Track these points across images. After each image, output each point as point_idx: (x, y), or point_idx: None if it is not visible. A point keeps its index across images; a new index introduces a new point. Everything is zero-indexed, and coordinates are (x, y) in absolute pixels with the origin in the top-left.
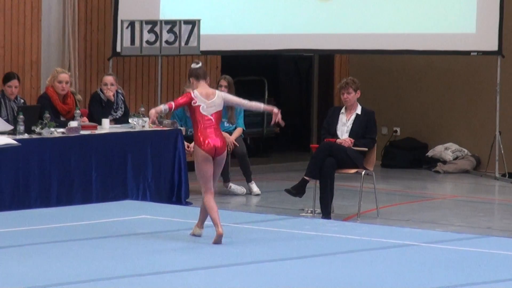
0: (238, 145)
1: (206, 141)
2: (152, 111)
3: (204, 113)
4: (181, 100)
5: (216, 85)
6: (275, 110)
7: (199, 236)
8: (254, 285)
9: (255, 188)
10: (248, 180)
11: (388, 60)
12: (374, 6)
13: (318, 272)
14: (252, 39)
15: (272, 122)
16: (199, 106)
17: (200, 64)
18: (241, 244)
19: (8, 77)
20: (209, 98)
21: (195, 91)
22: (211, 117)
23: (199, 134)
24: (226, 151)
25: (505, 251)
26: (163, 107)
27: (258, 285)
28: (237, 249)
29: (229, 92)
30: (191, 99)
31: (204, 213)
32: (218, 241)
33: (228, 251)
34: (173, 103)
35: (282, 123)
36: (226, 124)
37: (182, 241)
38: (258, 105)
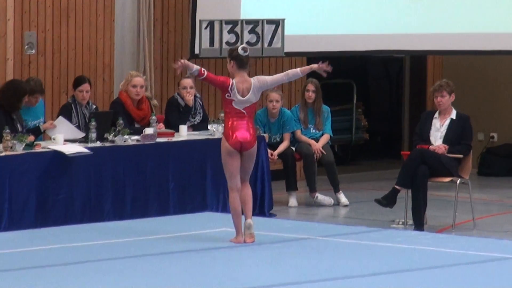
0: (325, 152)
1: (234, 135)
2: (183, 61)
3: (236, 106)
4: (216, 79)
5: (302, 90)
6: (315, 65)
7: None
8: None
9: (343, 198)
10: (336, 190)
11: (484, 61)
12: (470, 3)
13: (411, 287)
14: (339, 40)
15: (318, 68)
16: (232, 100)
17: (248, 53)
18: (329, 259)
19: (79, 81)
20: (244, 95)
21: (233, 81)
22: (243, 111)
23: (228, 126)
24: (255, 145)
25: None
26: (195, 67)
27: None
28: (325, 264)
29: (316, 96)
30: (226, 89)
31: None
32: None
33: (316, 266)
34: (205, 73)
35: (329, 68)
36: (312, 131)
37: (266, 255)
38: (295, 72)
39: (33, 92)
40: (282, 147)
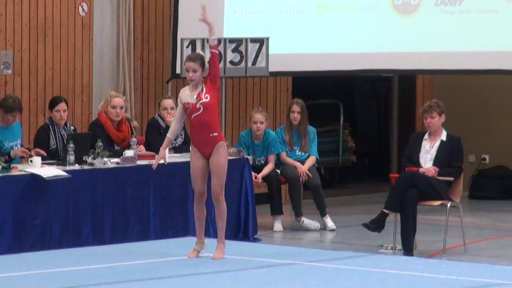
0: (311, 175)
1: None
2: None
3: None
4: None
5: (287, 111)
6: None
7: None
8: None
9: (330, 222)
10: (322, 214)
11: (475, 80)
12: (460, 22)
13: None
14: (325, 59)
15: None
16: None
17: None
18: (315, 285)
19: (55, 101)
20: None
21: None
22: None
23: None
24: None
25: None
26: (215, 37)
27: None
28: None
29: (302, 118)
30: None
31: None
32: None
33: None
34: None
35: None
36: (298, 153)
37: (250, 281)
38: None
39: (11, 110)
40: (266, 170)
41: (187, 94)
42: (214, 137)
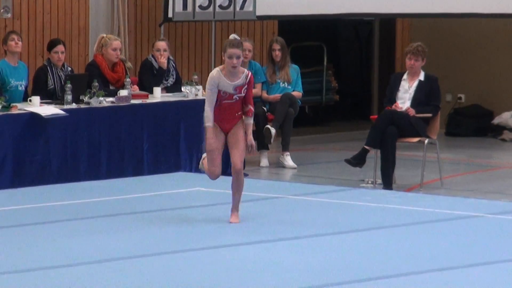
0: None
1: None
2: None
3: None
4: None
5: (268, 49)
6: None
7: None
8: (313, 260)
9: (289, 161)
10: (284, 149)
11: (452, 23)
12: None
13: (379, 244)
14: (310, 3)
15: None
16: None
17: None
18: (299, 217)
19: (53, 43)
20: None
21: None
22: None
23: None
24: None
25: None
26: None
27: (317, 259)
28: (295, 222)
29: (283, 54)
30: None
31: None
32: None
33: (286, 224)
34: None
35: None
36: (282, 85)
37: (240, 215)
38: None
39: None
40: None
41: (224, 82)
42: (239, 115)
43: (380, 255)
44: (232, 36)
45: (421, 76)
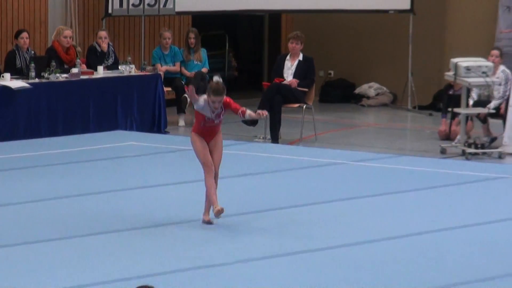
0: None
1: None
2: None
3: None
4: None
5: (185, 37)
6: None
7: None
8: (202, 198)
9: (181, 122)
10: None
11: (324, 18)
12: None
13: (267, 185)
14: (216, 2)
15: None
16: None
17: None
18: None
19: (19, 32)
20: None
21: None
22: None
23: None
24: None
25: (415, 167)
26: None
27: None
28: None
29: (196, 41)
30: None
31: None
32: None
33: (192, 168)
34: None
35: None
36: (195, 62)
37: (163, 162)
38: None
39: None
40: (172, 69)
41: (208, 108)
42: (218, 131)
43: (265, 194)
44: (215, 79)
45: (300, 57)
